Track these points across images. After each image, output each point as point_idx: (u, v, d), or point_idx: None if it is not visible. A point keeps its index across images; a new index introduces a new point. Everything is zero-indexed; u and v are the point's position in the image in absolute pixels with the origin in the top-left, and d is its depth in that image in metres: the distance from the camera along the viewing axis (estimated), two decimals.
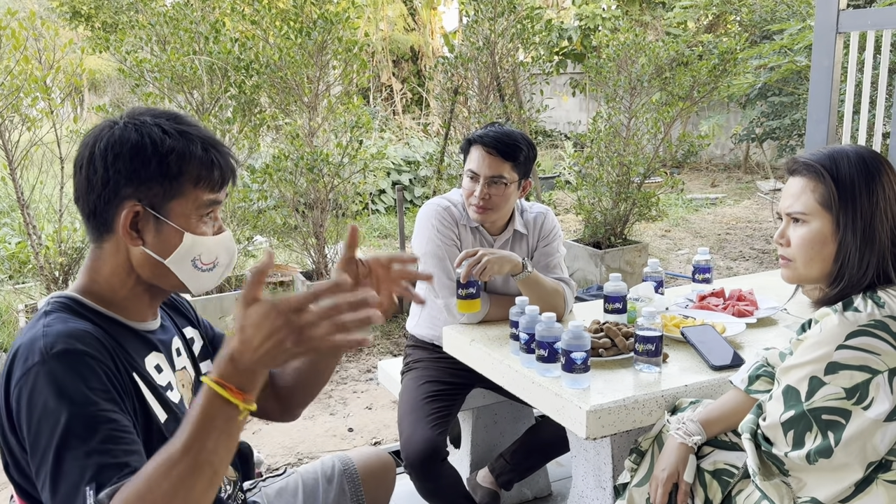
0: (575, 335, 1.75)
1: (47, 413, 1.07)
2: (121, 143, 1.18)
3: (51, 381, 1.08)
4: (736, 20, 11.27)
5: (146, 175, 1.19)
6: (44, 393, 1.08)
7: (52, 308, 1.20)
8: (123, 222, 1.19)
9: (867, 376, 1.37)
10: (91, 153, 1.20)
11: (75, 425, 1.06)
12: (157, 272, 1.24)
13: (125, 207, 1.19)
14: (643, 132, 5.57)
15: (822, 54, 3.81)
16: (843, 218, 1.46)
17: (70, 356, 1.11)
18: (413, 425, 2.26)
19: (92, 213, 1.22)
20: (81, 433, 1.06)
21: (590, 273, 5.60)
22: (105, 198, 1.19)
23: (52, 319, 1.17)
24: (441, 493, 2.29)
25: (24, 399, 1.09)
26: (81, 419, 1.06)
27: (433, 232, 2.37)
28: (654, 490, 1.66)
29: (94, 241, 1.25)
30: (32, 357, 1.10)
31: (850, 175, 1.46)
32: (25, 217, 4.08)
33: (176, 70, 4.32)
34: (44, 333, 1.13)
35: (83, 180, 1.21)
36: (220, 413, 0.97)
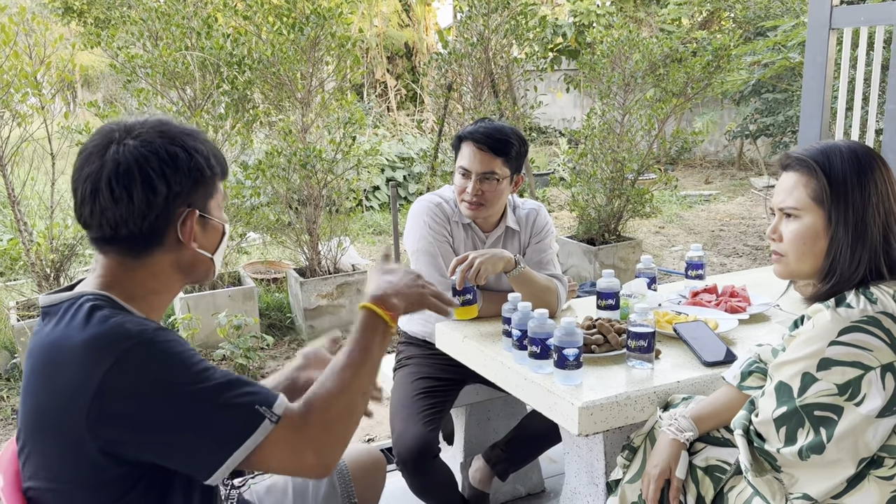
0: (567, 331, 1.74)
1: (179, 373, 1.12)
2: (172, 159, 1.22)
3: (165, 349, 1.14)
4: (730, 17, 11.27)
5: (200, 182, 1.26)
6: (162, 361, 1.13)
7: (99, 304, 1.20)
8: (186, 230, 1.25)
9: (859, 372, 1.36)
10: (144, 175, 1.19)
11: (212, 374, 1.14)
12: (201, 267, 1.32)
13: (180, 216, 1.25)
14: (637, 129, 5.57)
15: (816, 51, 3.81)
16: (834, 213, 1.46)
17: (162, 332, 1.17)
18: (405, 422, 2.26)
19: (141, 233, 1.23)
20: (220, 377, 1.15)
21: (583, 269, 5.60)
22: (163, 215, 1.23)
23: (108, 313, 1.18)
24: (433, 490, 2.28)
25: (131, 377, 1.11)
26: (213, 370, 1.15)
27: (425, 229, 2.36)
28: (646, 486, 1.66)
29: (133, 257, 1.25)
30: (123, 341, 1.12)
31: (842, 170, 1.46)
32: (16, 214, 4.06)
33: (168, 66, 4.30)
34: (117, 323, 1.15)
35: (140, 204, 1.20)
36: (379, 328, 1.31)
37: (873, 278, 1.45)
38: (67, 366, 1.14)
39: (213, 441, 1.12)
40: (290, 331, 4.86)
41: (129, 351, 1.12)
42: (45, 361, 1.17)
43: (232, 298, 4.49)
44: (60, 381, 1.14)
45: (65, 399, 1.13)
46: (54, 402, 1.15)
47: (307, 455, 1.16)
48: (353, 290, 4.80)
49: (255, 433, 1.13)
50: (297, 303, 4.79)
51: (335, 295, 4.74)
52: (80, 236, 4.26)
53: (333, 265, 4.92)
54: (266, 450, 1.14)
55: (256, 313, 4.59)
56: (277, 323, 4.93)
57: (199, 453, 1.13)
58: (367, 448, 1.81)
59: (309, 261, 4.88)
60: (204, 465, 1.13)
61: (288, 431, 1.15)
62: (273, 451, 1.14)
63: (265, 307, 5.02)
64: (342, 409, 1.21)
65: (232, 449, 1.12)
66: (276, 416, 1.15)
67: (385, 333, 1.32)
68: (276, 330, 4.83)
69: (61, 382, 1.14)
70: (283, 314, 5.01)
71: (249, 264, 5.86)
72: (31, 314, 4.13)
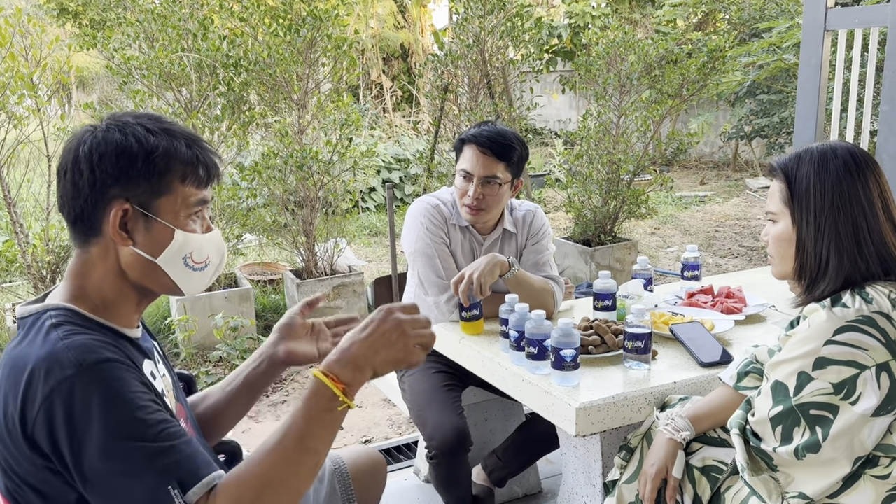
0: (564, 332, 1.75)
1: (102, 421, 1.05)
2: (105, 144, 1.17)
3: (97, 389, 1.06)
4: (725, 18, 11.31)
5: (133, 173, 1.18)
6: (91, 402, 1.05)
7: (60, 321, 1.15)
8: (113, 222, 1.18)
9: (855, 371, 1.37)
10: (75, 157, 1.18)
11: (137, 429, 1.06)
12: (148, 273, 1.23)
13: (113, 207, 1.18)
14: (633, 130, 5.59)
15: (811, 52, 3.83)
16: (797, 216, 1.51)
17: (108, 364, 1.09)
18: (439, 413, 2.24)
19: (78, 217, 1.20)
20: (145, 435, 1.06)
21: (580, 270, 5.61)
22: (92, 200, 1.18)
23: (67, 332, 1.13)
24: (458, 483, 2.27)
25: (60, 412, 1.05)
26: (142, 423, 1.07)
27: (422, 230, 2.37)
28: (642, 486, 1.67)
29: (80, 246, 1.22)
30: (63, 370, 1.07)
31: (805, 175, 1.51)
32: (12, 215, 4.05)
33: (164, 67, 4.30)
34: (66, 346, 1.09)
35: (68, 185, 1.19)
36: (324, 402, 1.13)
37: (854, 279, 1.46)
38: (19, 384, 1.10)
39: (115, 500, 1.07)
40: None
41: (67, 381, 1.06)
42: (6, 376, 1.14)
43: (228, 300, 4.49)
44: (13, 397, 1.11)
45: (15, 415, 1.10)
46: (9, 417, 1.12)
47: None
48: (350, 291, 4.80)
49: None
50: (294, 304, 4.78)
51: (332, 296, 4.75)
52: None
53: (330, 267, 4.92)
54: None
55: (253, 315, 4.59)
56: (274, 324, 4.92)
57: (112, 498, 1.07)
58: (366, 449, 1.80)
59: (305, 262, 4.88)
60: None
61: None
62: None
63: (262, 309, 5.02)
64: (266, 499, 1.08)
65: None
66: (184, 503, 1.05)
67: (332, 410, 1.14)
68: None
69: (13, 399, 1.11)
70: (280, 315, 4.98)
71: (246, 266, 5.86)
72: None
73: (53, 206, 4.20)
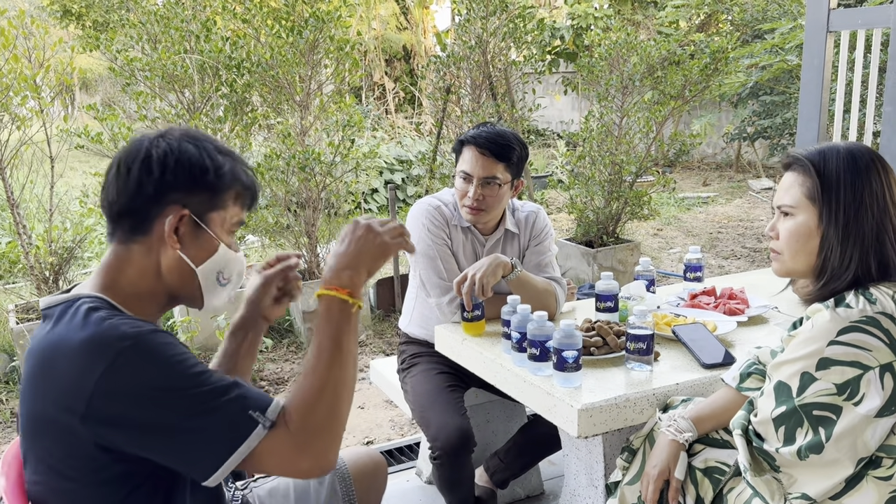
0: (566, 334, 1.75)
1: (170, 375, 1.13)
2: (180, 152, 1.25)
3: (158, 351, 1.14)
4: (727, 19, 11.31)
5: (199, 184, 1.26)
6: (156, 362, 1.13)
7: (96, 305, 1.21)
8: (169, 225, 1.24)
9: (858, 372, 1.37)
10: (146, 157, 1.24)
11: (203, 376, 1.14)
12: (183, 279, 1.29)
13: (171, 212, 1.24)
14: (635, 131, 5.58)
15: (813, 53, 3.82)
16: (826, 211, 1.48)
17: (159, 332, 1.17)
18: (443, 414, 2.24)
19: (130, 214, 1.25)
20: (211, 379, 1.15)
21: (582, 272, 5.61)
22: (152, 200, 1.24)
23: (107, 314, 1.18)
24: (462, 483, 2.27)
25: (126, 380, 1.11)
26: (205, 371, 1.15)
27: (424, 231, 2.37)
28: (645, 487, 1.66)
29: (122, 242, 1.27)
30: (120, 341, 1.13)
31: (836, 170, 1.48)
32: (15, 216, 4.06)
33: (167, 69, 4.30)
34: (114, 324, 1.15)
35: (132, 182, 1.24)
36: (338, 311, 1.25)
37: (866, 278, 1.46)
38: (64, 366, 1.14)
39: (207, 445, 1.13)
40: (289, 333, 4.87)
41: (125, 352, 1.12)
42: (43, 363, 1.18)
43: (231, 301, 4.48)
44: (57, 381, 1.15)
45: (61, 399, 1.14)
46: (52, 403, 1.15)
47: (302, 460, 1.16)
48: None
49: (248, 439, 1.13)
50: (296, 305, 4.79)
51: None
52: (78, 239, 4.26)
53: None
54: (261, 455, 1.14)
55: None
56: (276, 325, 4.93)
57: (195, 456, 1.13)
58: (367, 451, 1.81)
59: (308, 263, 4.88)
60: (200, 469, 1.14)
61: (280, 438, 1.15)
62: (268, 456, 1.14)
63: None
64: (326, 410, 1.19)
65: (226, 454, 1.12)
66: (269, 422, 1.15)
67: (348, 314, 1.26)
68: (274, 332, 4.83)
69: (58, 382, 1.14)
70: (282, 316, 5.01)
71: (249, 267, 5.86)
72: (31, 317, 4.13)
73: (56, 208, 4.21)
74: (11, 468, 1.31)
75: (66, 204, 4.63)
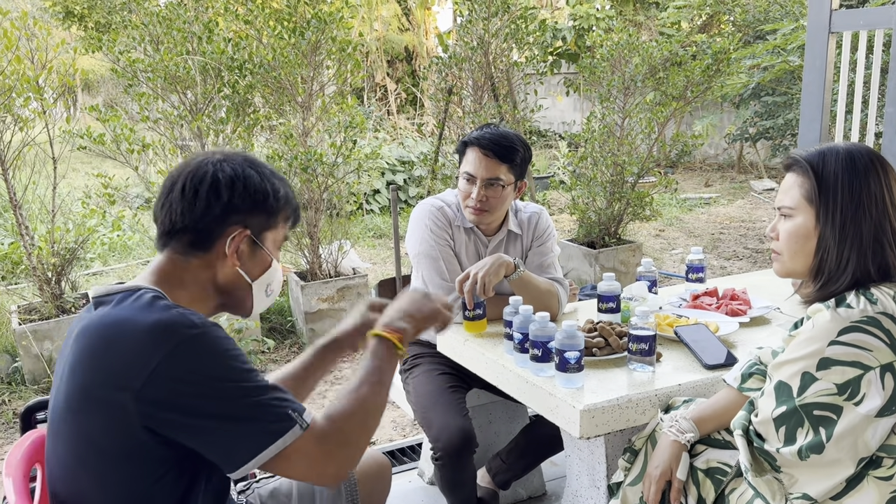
0: (568, 334, 1.75)
1: (229, 366, 1.22)
2: (245, 178, 1.36)
3: (219, 343, 1.23)
4: (729, 20, 11.30)
5: (261, 207, 1.38)
6: (218, 352, 1.22)
7: (159, 295, 1.29)
8: (232, 244, 1.35)
9: (859, 372, 1.37)
10: (214, 180, 1.34)
11: (254, 373, 1.24)
12: (239, 292, 1.41)
13: (233, 231, 1.35)
14: (637, 132, 5.58)
15: (815, 54, 3.82)
16: (823, 213, 1.48)
17: (218, 327, 1.26)
18: (445, 415, 2.24)
19: (194, 231, 1.34)
20: (258, 377, 1.24)
21: (584, 273, 5.61)
22: (218, 220, 1.34)
23: (170, 303, 1.27)
24: (464, 484, 2.27)
25: (188, 363, 1.19)
26: (254, 369, 1.25)
27: (426, 232, 2.37)
28: (647, 488, 1.67)
29: (179, 252, 1.35)
30: (187, 328, 1.21)
31: (834, 172, 1.48)
32: (18, 218, 4.07)
33: (169, 70, 4.31)
34: (182, 313, 1.24)
35: (201, 202, 1.33)
36: (385, 351, 1.43)
37: (865, 279, 1.46)
38: (127, 345, 1.20)
39: (247, 436, 1.20)
40: (291, 334, 4.87)
41: (190, 339, 1.20)
42: (103, 339, 1.23)
43: None
44: (117, 357, 1.20)
45: (119, 375, 1.19)
46: (107, 378, 1.20)
47: (328, 464, 1.26)
48: (354, 293, 4.81)
49: (285, 435, 1.21)
50: (298, 306, 4.80)
51: (336, 298, 4.75)
52: (81, 240, 4.27)
53: (334, 269, 4.93)
54: (290, 455, 1.22)
55: (257, 317, 4.60)
56: (278, 326, 4.93)
57: (232, 446, 1.20)
58: (371, 452, 1.80)
59: (310, 264, 4.89)
60: (233, 459, 1.21)
61: (312, 441, 1.24)
62: (297, 456, 1.23)
63: (266, 311, 5.03)
64: (359, 424, 1.31)
65: (262, 447, 1.20)
66: (305, 423, 1.24)
67: (392, 353, 1.43)
68: (276, 333, 4.84)
69: (118, 359, 1.20)
70: (284, 318, 5.02)
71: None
72: (33, 318, 4.14)
73: (59, 209, 4.22)
74: (17, 469, 1.32)
75: (68, 205, 4.64)
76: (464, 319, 2.20)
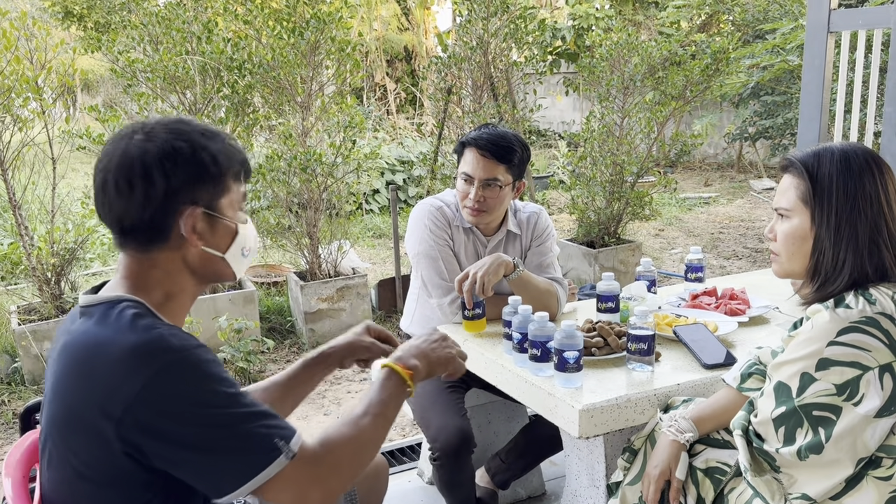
0: (567, 334, 1.75)
1: (211, 393, 1.15)
2: (176, 153, 1.23)
3: (202, 367, 1.16)
4: (729, 20, 11.31)
5: (202, 179, 1.25)
6: (199, 378, 1.16)
7: (140, 311, 1.22)
8: (187, 227, 1.25)
9: (858, 373, 1.37)
10: (144, 168, 1.21)
11: (239, 398, 1.18)
12: (214, 267, 1.32)
13: (184, 213, 1.24)
14: (636, 131, 5.58)
15: (814, 54, 3.83)
16: (818, 214, 1.49)
17: (203, 348, 1.19)
18: (443, 415, 2.24)
19: (143, 226, 1.24)
20: (245, 402, 1.18)
21: (583, 272, 5.61)
22: (164, 209, 1.23)
23: (153, 322, 1.20)
24: (462, 484, 2.27)
25: (168, 390, 1.13)
26: (241, 394, 1.19)
27: (426, 232, 2.37)
28: (646, 487, 1.67)
29: (140, 250, 1.26)
30: (167, 353, 1.15)
31: (828, 172, 1.48)
32: (17, 218, 4.07)
33: (168, 70, 4.31)
34: (162, 334, 1.17)
35: (138, 196, 1.21)
36: (394, 384, 1.39)
37: (863, 280, 1.46)
38: (106, 369, 1.15)
39: (230, 466, 1.15)
40: (291, 334, 4.87)
41: (171, 365, 1.14)
42: (83, 361, 1.18)
43: (232, 302, 4.50)
44: (97, 382, 1.15)
45: (99, 401, 1.14)
46: (88, 403, 1.16)
47: (313, 492, 1.20)
48: (354, 293, 4.81)
49: (270, 466, 1.16)
50: (298, 306, 4.80)
51: (335, 298, 4.75)
52: (80, 241, 4.27)
53: (334, 269, 4.93)
54: (277, 483, 1.17)
55: (257, 317, 4.60)
56: (278, 326, 4.93)
57: (217, 475, 1.16)
58: None
59: (309, 264, 4.89)
60: (217, 487, 1.16)
61: (300, 469, 1.19)
62: (283, 485, 1.18)
63: (265, 311, 5.03)
64: (353, 454, 1.26)
65: (247, 478, 1.15)
66: (292, 453, 1.18)
67: (401, 389, 1.39)
68: (276, 333, 4.84)
69: (97, 384, 1.15)
70: (284, 318, 5.02)
71: (250, 268, 5.87)
72: (32, 318, 4.14)
73: (58, 209, 4.22)
74: (17, 470, 1.32)
75: (67, 205, 4.64)
76: (463, 319, 2.20)
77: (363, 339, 1.66)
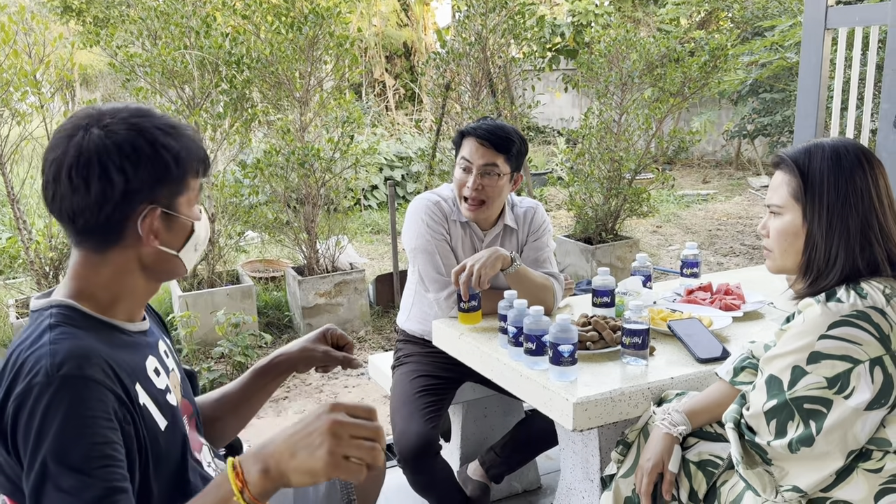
0: (562, 328, 1.76)
1: (55, 437, 1.06)
2: (136, 152, 1.17)
3: (61, 405, 1.07)
4: (727, 17, 11.30)
5: (162, 179, 1.20)
6: (51, 416, 1.06)
7: (57, 321, 1.17)
8: (146, 227, 1.20)
9: (849, 366, 1.39)
10: (102, 164, 1.15)
11: (83, 458, 1.06)
12: (166, 265, 1.26)
13: (141, 213, 1.19)
14: (634, 128, 5.59)
15: (811, 51, 3.83)
16: (809, 210, 1.51)
17: (76, 381, 1.09)
18: (406, 419, 2.27)
19: (100, 226, 1.18)
20: (80, 459, 1.06)
21: (581, 268, 5.62)
22: (121, 209, 1.17)
23: (59, 335, 1.14)
24: (434, 486, 2.30)
25: (23, 415, 1.08)
26: (82, 447, 1.06)
27: (423, 227, 2.38)
28: (639, 480, 1.68)
29: (95, 251, 1.21)
30: (37, 375, 1.08)
31: (819, 169, 1.50)
32: (15, 212, 4.07)
33: (167, 65, 4.31)
34: (51, 351, 1.10)
35: (95, 194, 1.15)
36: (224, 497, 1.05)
37: (855, 275, 1.47)
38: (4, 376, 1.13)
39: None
40: (289, 329, 4.88)
41: (31, 389, 1.08)
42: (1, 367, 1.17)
43: (230, 297, 4.50)
44: None
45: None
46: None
47: None
48: (352, 288, 4.82)
49: None
50: (296, 301, 4.81)
51: (333, 293, 4.76)
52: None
53: (331, 264, 4.94)
54: None
55: (255, 311, 4.61)
56: (276, 321, 4.94)
57: None
58: None
59: (307, 259, 4.90)
60: None
61: None
62: None
63: (263, 305, 5.04)
64: None
65: None
66: None
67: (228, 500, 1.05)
68: (274, 328, 4.85)
69: None
70: (282, 312, 5.03)
71: (248, 263, 5.88)
72: None
73: None
74: None
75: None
76: (459, 311, 2.21)
77: (317, 347, 1.55)
